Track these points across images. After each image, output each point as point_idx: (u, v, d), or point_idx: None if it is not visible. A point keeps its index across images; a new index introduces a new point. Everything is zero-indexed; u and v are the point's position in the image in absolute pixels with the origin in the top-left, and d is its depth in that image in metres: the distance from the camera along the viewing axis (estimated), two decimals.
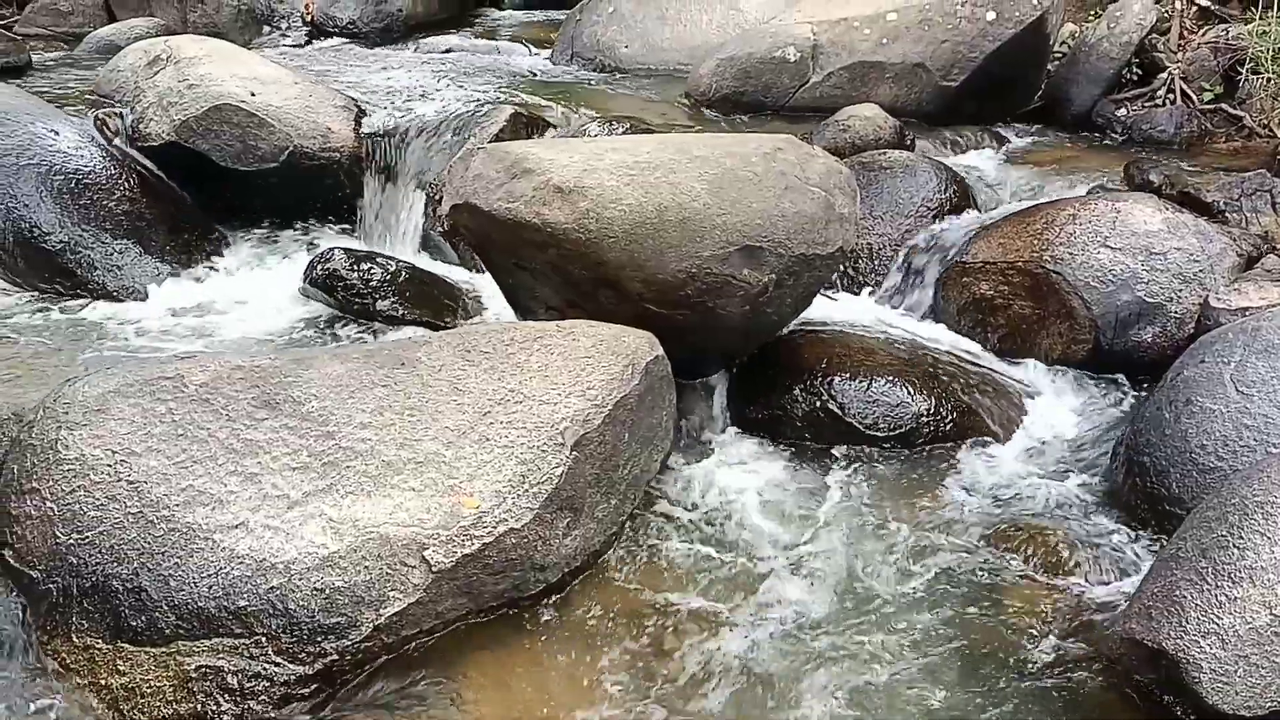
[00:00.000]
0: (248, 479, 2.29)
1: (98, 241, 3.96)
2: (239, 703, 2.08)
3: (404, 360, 2.59)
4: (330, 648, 2.13)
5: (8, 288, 3.90)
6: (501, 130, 4.39)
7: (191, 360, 2.59)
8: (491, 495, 2.33)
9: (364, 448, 2.37)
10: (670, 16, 5.82)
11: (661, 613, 2.43)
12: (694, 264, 2.82)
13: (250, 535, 2.20)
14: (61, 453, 2.31)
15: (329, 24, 7.03)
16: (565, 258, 2.86)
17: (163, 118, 4.30)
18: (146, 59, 4.69)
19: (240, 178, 4.30)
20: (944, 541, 2.69)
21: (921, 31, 4.76)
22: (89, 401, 2.40)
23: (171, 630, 2.12)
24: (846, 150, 4.20)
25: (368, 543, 2.21)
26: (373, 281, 3.77)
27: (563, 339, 2.67)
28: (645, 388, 2.64)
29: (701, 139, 3.17)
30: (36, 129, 4.11)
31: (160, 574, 2.16)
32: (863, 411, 3.04)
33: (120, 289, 3.89)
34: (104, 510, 2.23)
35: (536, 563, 2.36)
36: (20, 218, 3.89)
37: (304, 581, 2.15)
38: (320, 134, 4.35)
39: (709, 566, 2.58)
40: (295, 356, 2.66)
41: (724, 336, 3.05)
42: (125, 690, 2.10)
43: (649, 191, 2.82)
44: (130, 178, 4.17)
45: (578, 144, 3.33)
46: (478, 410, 2.47)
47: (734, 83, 4.99)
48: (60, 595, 2.20)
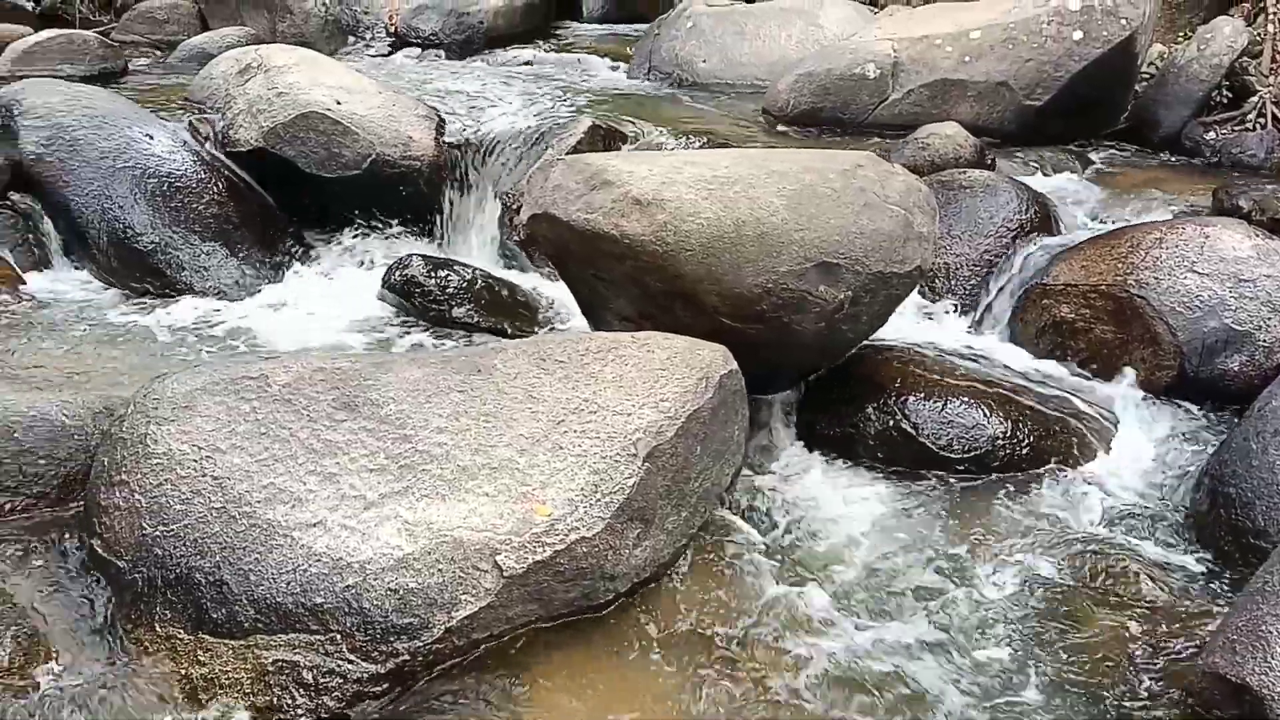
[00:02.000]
0: (326, 479, 2.34)
1: (187, 243, 4.07)
2: (313, 698, 2.12)
3: (480, 367, 2.62)
4: (402, 647, 2.16)
5: (101, 285, 4.03)
6: (579, 142, 4.43)
7: (275, 361, 2.65)
8: (564, 503, 2.34)
9: (439, 452, 2.40)
10: (749, 32, 5.83)
11: (729, 627, 2.42)
12: (770, 279, 2.82)
13: (328, 534, 2.24)
14: (150, 447, 2.38)
15: (412, 35, 7.15)
16: (642, 269, 2.88)
17: (251, 124, 4.41)
18: (238, 67, 4.82)
19: (324, 184, 4.39)
20: (1019, 568, 2.64)
21: (1005, 50, 4.71)
22: (177, 398, 2.47)
23: (250, 624, 2.17)
24: (925, 168, 4.17)
25: (441, 546, 2.24)
26: (449, 288, 3.83)
27: (637, 350, 2.68)
28: (718, 401, 2.64)
29: (780, 154, 3.17)
30: (132, 133, 4.25)
31: (241, 568, 2.21)
32: (937, 432, 3.01)
33: (207, 289, 4.00)
34: (189, 504, 2.29)
35: (606, 572, 2.37)
36: (115, 218, 4.02)
37: (379, 581, 2.18)
38: (402, 142, 4.43)
39: (775, 583, 2.56)
40: (374, 360, 2.71)
41: (798, 352, 3.04)
42: (205, 680, 2.15)
43: (727, 205, 2.83)
44: (219, 182, 4.28)
45: (657, 157, 3.35)
46: (552, 418, 2.49)
47: (812, 99, 4.98)
48: (145, 585, 2.26)
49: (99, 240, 4.04)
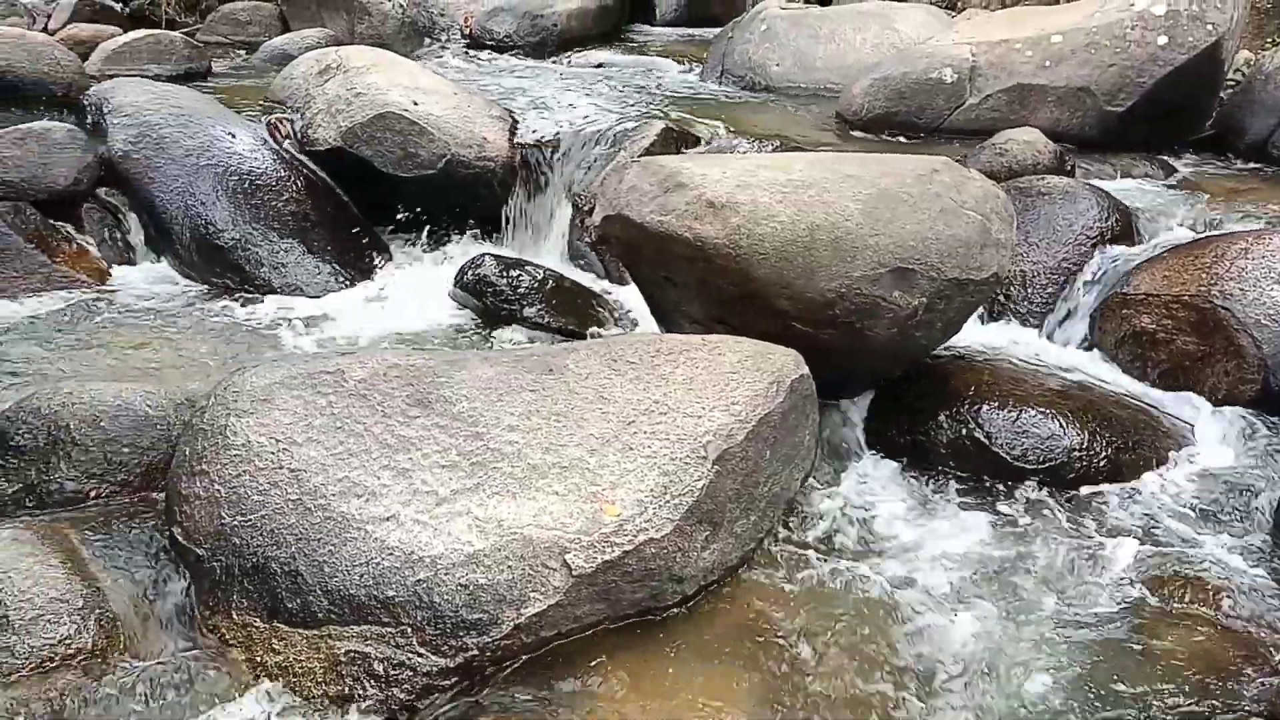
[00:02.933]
0: (400, 474, 2.37)
1: (266, 240, 4.15)
2: (383, 689, 2.15)
3: (552, 366, 2.64)
4: (471, 643, 2.18)
5: (182, 279, 4.13)
6: (652, 145, 4.44)
7: (351, 356, 2.69)
8: (633, 504, 2.35)
9: (511, 450, 2.42)
10: (824, 35, 5.80)
11: (796, 633, 2.40)
12: (844, 284, 2.80)
13: (400, 528, 2.27)
14: (229, 438, 2.43)
15: (486, 37, 7.22)
16: (714, 272, 2.87)
17: (330, 124, 4.49)
18: (318, 67, 4.91)
19: (399, 183, 4.45)
20: (1092, 582, 2.59)
21: (1087, 55, 4.62)
22: (256, 391, 2.52)
23: (324, 614, 2.20)
24: (1003, 174, 4.10)
25: (511, 543, 2.26)
26: (520, 288, 3.86)
27: (708, 353, 2.68)
28: (789, 405, 2.62)
29: (855, 158, 3.14)
30: (215, 131, 4.35)
31: (315, 559, 2.25)
32: (1011, 442, 2.96)
33: (284, 285, 4.08)
34: (266, 495, 2.34)
35: (674, 574, 2.37)
36: (197, 214, 4.12)
37: (449, 576, 2.21)
38: (476, 143, 4.48)
39: (844, 590, 2.54)
40: (447, 358, 2.74)
41: (870, 358, 3.02)
42: (279, 668, 2.20)
43: (801, 209, 2.81)
44: (298, 180, 4.36)
45: (731, 160, 3.34)
46: (622, 419, 2.50)
47: (887, 103, 4.94)
48: (223, 573, 2.31)
49: (182, 235, 4.14)
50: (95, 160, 4.26)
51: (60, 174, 4.15)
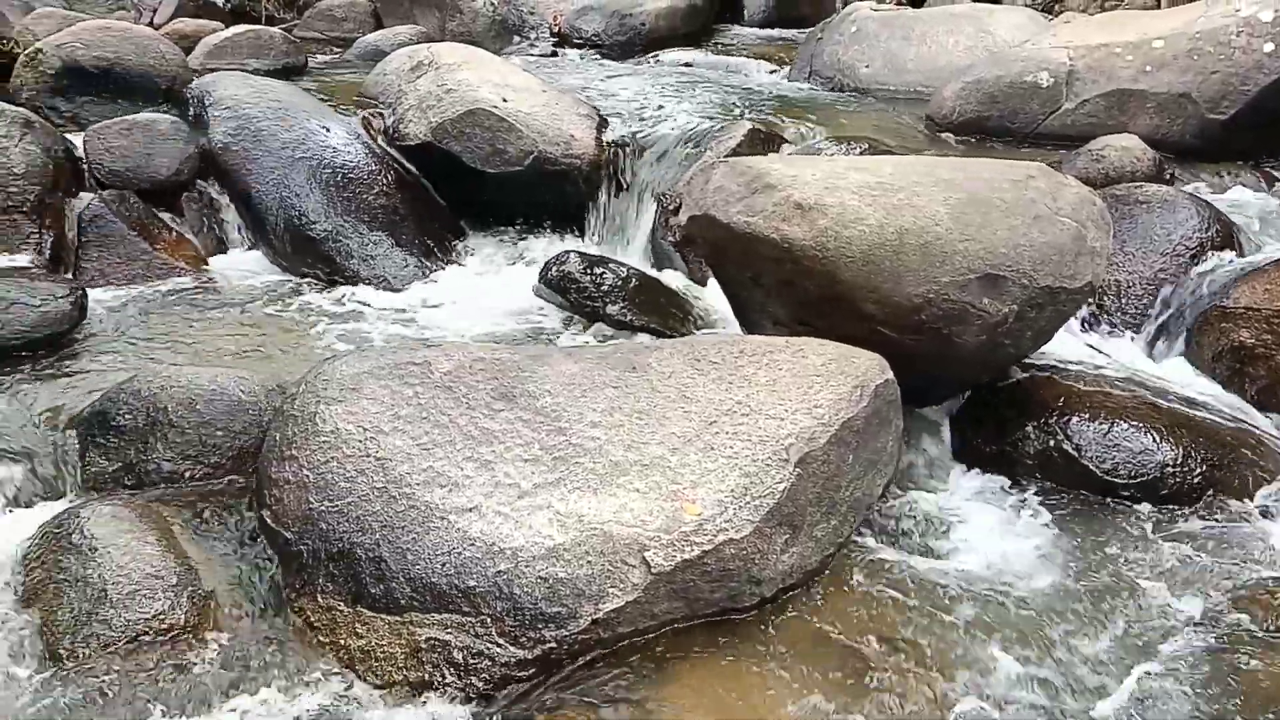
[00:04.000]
0: (483, 465, 2.40)
1: (356, 232, 4.23)
2: (462, 677, 2.18)
3: (635, 364, 2.64)
4: (550, 635, 2.20)
5: (275, 269, 4.23)
6: (738, 145, 4.41)
7: (438, 348, 2.73)
8: (713, 504, 2.34)
9: (593, 446, 2.44)
10: (915, 37, 5.72)
11: (875, 640, 2.37)
12: (932, 289, 2.76)
13: (482, 519, 2.30)
14: (319, 425, 2.48)
15: (574, 36, 7.27)
16: (800, 274, 2.86)
17: (421, 119, 4.56)
18: (410, 64, 4.99)
19: (486, 179, 4.50)
20: (1184, 601, 2.51)
21: (1190, 61, 4.49)
22: (345, 380, 2.57)
23: (406, 601, 2.24)
24: (1099, 181, 4.00)
25: (591, 538, 2.27)
26: (604, 285, 3.87)
27: (792, 355, 2.66)
28: (873, 410, 2.60)
29: (947, 162, 3.10)
30: (311, 125, 4.45)
31: (399, 547, 2.28)
32: (1101, 455, 2.89)
33: (373, 277, 4.15)
34: (353, 482, 2.39)
35: (753, 575, 2.36)
36: (291, 206, 4.21)
37: (529, 569, 2.23)
38: (563, 140, 4.50)
39: (925, 599, 2.50)
40: (532, 352, 2.77)
41: (957, 365, 2.97)
42: (361, 652, 2.24)
43: (890, 213, 2.78)
44: (388, 174, 4.44)
45: (819, 162, 3.32)
46: (704, 419, 2.50)
47: (979, 106, 4.85)
48: (309, 557, 2.37)
49: (276, 226, 4.24)
50: (196, 152, 4.38)
51: (163, 164, 4.28)
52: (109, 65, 4.81)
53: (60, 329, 3.36)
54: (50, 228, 3.95)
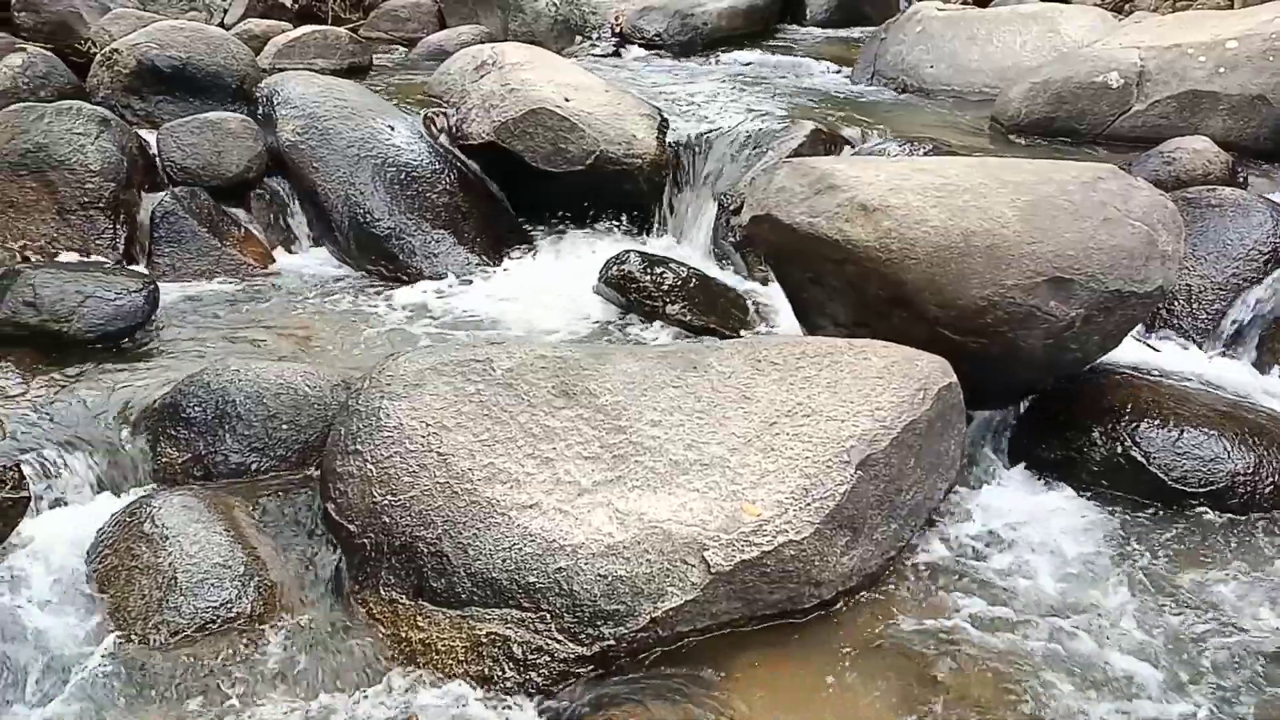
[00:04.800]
0: (543, 462, 2.42)
1: (419, 230, 4.28)
2: (521, 673, 2.20)
3: (695, 364, 2.65)
4: (608, 633, 2.21)
5: (339, 265, 4.29)
6: (800, 146, 4.39)
7: (499, 346, 2.75)
8: (773, 505, 2.34)
9: (653, 444, 2.44)
10: (981, 37, 5.65)
11: (935, 645, 2.35)
12: (997, 292, 2.72)
13: (543, 516, 2.32)
14: (383, 420, 2.52)
15: (636, 35, 7.27)
16: (863, 276, 2.84)
17: (484, 119, 4.59)
18: (474, 63, 5.04)
19: (548, 178, 4.52)
20: (1255, 616, 2.46)
21: (1265, 62, 4.38)
22: (408, 376, 2.60)
23: (467, 595, 2.26)
24: (1169, 184, 3.92)
25: (651, 537, 2.28)
26: (664, 285, 3.87)
27: (854, 357, 2.65)
28: (936, 414, 2.57)
29: (1014, 163, 3.06)
30: (376, 124, 4.50)
31: (460, 542, 2.31)
32: (1170, 463, 2.84)
33: (435, 275, 4.19)
34: (416, 477, 2.42)
35: (812, 577, 2.35)
36: (356, 203, 4.27)
37: (589, 566, 2.24)
38: (625, 140, 4.51)
39: (985, 605, 2.48)
40: (593, 351, 2.78)
41: (1021, 369, 2.93)
42: (422, 645, 2.27)
43: (955, 214, 2.75)
44: (451, 173, 4.48)
45: (884, 163, 3.30)
46: (764, 420, 2.49)
47: (1046, 108, 4.78)
48: (372, 550, 2.40)
49: (341, 223, 4.30)
50: (264, 149, 4.45)
51: (233, 162, 4.36)
52: (182, 65, 4.91)
53: (133, 323, 3.44)
54: (124, 223, 4.05)
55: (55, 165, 4.01)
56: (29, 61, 4.93)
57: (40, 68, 4.93)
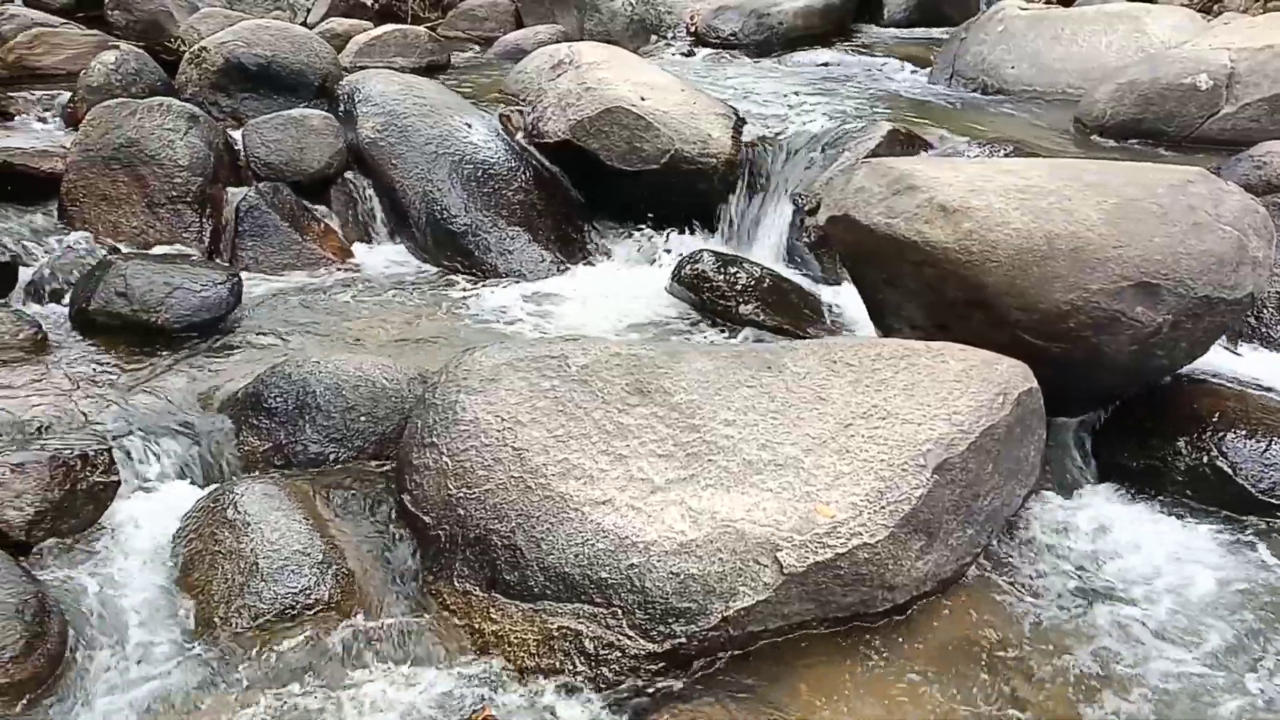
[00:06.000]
0: (617, 459, 2.42)
1: (495, 227, 4.32)
2: (592, 667, 2.21)
3: (770, 364, 2.63)
4: (679, 630, 2.21)
5: (416, 261, 4.35)
6: (877, 146, 4.35)
7: (574, 342, 2.76)
8: (847, 507, 2.32)
9: (726, 444, 2.44)
10: (1065, 37, 5.54)
11: (1010, 653, 2.32)
12: (1081, 296, 2.67)
13: (615, 512, 2.33)
14: (459, 414, 2.55)
15: (711, 35, 7.25)
16: (941, 278, 2.81)
17: (560, 117, 4.61)
18: (551, 62, 5.07)
19: (623, 177, 4.53)
20: None
21: None
22: (484, 371, 2.63)
23: (540, 589, 2.28)
24: (1261, 189, 3.81)
25: (723, 536, 2.27)
26: (738, 285, 3.86)
27: (931, 360, 2.62)
28: (1015, 419, 2.53)
29: (1100, 165, 3.00)
30: (454, 122, 4.56)
31: (534, 536, 2.33)
32: (1259, 475, 2.76)
33: (510, 271, 4.23)
34: (490, 471, 2.44)
35: (886, 581, 2.33)
36: (433, 200, 4.33)
37: (661, 564, 2.24)
38: (700, 140, 4.50)
39: (1062, 614, 2.43)
40: (667, 349, 2.78)
41: (1105, 375, 2.87)
42: (495, 637, 2.29)
43: (1039, 217, 2.71)
44: (526, 171, 4.52)
45: (965, 164, 3.25)
46: (839, 421, 2.48)
47: (1132, 109, 4.67)
48: (447, 542, 2.43)
49: (418, 219, 4.36)
50: (345, 146, 4.53)
51: (314, 158, 4.45)
52: (267, 62, 5.02)
53: (218, 314, 3.52)
54: (210, 217, 4.15)
55: (146, 160, 4.12)
56: (122, 59, 5.08)
57: (132, 65, 5.07)
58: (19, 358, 3.22)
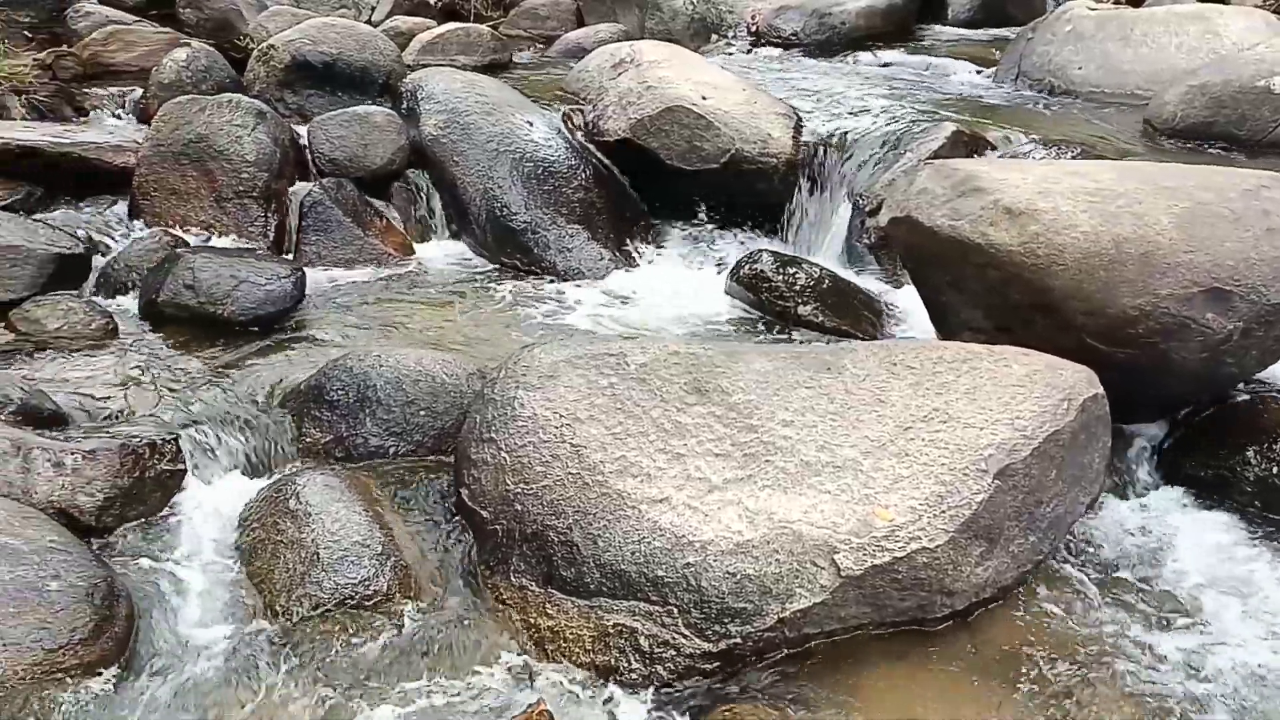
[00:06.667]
0: (674, 458, 2.42)
1: (554, 224, 4.34)
2: (647, 665, 2.21)
3: (830, 365, 2.62)
4: (735, 630, 2.21)
5: (475, 257, 4.38)
6: (940, 148, 4.29)
7: (633, 341, 2.77)
8: (906, 510, 2.30)
9: (784, 444, 2.43)
10: (1135, 38, 5.43)
11: (1067, 662, 2.28)
12: (1150, 301, 2.62)
13: (672, 511, 2.33)
14: (517, 410, 2.56)
15: (772, 34, 7.22)
16: (1005, 281, 2.77)
17: (620, 115, 4.63)
18: (612, 61, 5.08)
19: (682, 176, 4.52)
20: None
21: None
22: (543, 367, 2.64)
23: (596, 586, 2.29)
24: None
25: (780, 537, 2.26)
26: (796, 285, 3.84)
27: (993, 364, 2.58)
28: (1080, 425, 2.49)
29: (1171, 169, 2.94)
30: (515, 120, 4.58)
31: (591, 533, 2.33)
32: None
33: (568, 269, 4.24)
34: (548, 467, 2.45)
35: (945, 586, 2.30)
36: (494, 197, 4.35)
37: (717, 563, 2.24)
38: (760, 139, 4.49)
39: (1125, 625, 2.39)
40: (725, 349, 2.77)
41: (1173, 382, 2.81)
42: (550, 633, 2.30)
43: (1108, 220, 2.66)
44: (586, 169, 4.53)
45: (1031, 165, 3.21)
46: (899, 424, 2.45)
47: (1203, 112, 4.57)
48: (504, 537, 2.45)
49: (478, 216, 4.39)
50: (407, 143, 4.58)
51: (377, 154, 4.50)
52: (333, 60, 5.09)
53: (282, 307, 3.58)
54: (275, 212, 4.21)
55: (214, 155, 4.19)
56: (193, 56, 5.18)
57: (202, 62, 5.17)
58: (91, 347, 3.30)
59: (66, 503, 2.49)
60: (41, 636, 2.11)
